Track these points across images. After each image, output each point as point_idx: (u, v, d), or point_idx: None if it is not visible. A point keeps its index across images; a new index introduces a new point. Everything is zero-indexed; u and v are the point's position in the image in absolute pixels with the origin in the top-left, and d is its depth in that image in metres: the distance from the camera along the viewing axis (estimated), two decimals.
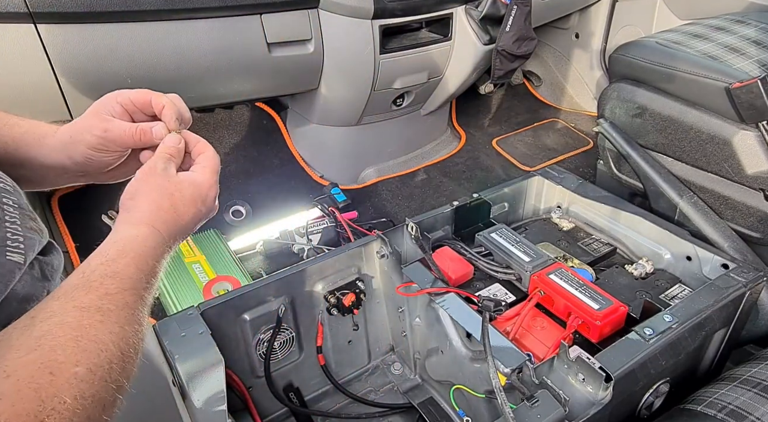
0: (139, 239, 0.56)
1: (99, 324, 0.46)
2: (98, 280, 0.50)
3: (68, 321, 0.45)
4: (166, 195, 0.59)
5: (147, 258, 0.55)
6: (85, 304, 0.47)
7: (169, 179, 0.60)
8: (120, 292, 0.50)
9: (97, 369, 0.44)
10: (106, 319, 0.47)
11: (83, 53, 1.27)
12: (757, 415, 0.86)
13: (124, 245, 0.54)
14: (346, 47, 1.59)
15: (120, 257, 0.53)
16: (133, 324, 0.50)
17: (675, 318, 0.96)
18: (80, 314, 0.46)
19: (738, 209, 1.39)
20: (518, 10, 1.67)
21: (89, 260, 0.53)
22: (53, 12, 1.19)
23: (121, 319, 0.48)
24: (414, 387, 1.24)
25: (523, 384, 0.88)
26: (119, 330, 0.48)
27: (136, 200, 0.59)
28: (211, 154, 0.66)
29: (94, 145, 0.62)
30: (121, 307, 0.49)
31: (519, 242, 1.18)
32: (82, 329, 0.45)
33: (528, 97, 2.62)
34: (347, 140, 1.95)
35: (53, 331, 0.43)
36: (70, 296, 0.47)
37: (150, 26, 1.32)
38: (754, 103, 1.26)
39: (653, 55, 1.50)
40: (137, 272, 0.53)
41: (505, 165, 2.15)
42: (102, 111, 0.63)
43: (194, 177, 0.63)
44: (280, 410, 1.17)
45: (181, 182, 0.61)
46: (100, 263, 0.52)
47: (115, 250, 0.54)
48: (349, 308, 1.15)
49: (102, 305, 0.48)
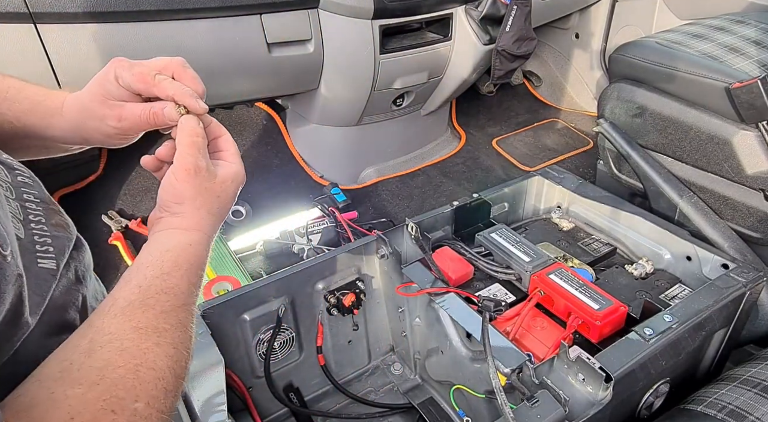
0: (192, 248, 0.55)
1: (156, 347, 0.46)
2: (154, 296, 0.49)
3: (127, 346, 0.44)
4: (213, 198, 0.58)
5: (198, 269, 0.55)
6: (142, 324, 0.46)
7: (213, 180, 0.58)
8: (174, 309, 0.50)
9: (154, 401, 0.44)
10: (162, 340, 0.47)
11: (83, 53, 1.27)
12: (757, 415, 0.86)
13: (178, 254, 0.54)
14: (346, 47, 1.59)
15: (174, 269, 0.52)
16: (186, 342, 0.50)
17: (675, 318, 0.96)
18: (138, 336, 0.45)
19: (738, 209, 1.39)
20: (518, 10, 1.67)
21: (144, 271, 0.52)
22: (53, 12, 1.19)
23: (176, 339, 0.48)
24: (414, 387, 1.24)
25: (523, 384, 0.88)
26: (173, 351, 0.47)
27: (185, 205, 0.57)
28: (229, 136, 0.63)
29: (111, 134, 0.60)
30: (175, 326, 0.49)
31: (519, 242, 1.18)
32: (141, 355, 0.44)
33: (528, 97, 2.62)
34: (347, 140, 1.95)
35: (114, 360, 0.43)
36: (127, 315, 0.47)
37: (150, 26, 1.32)
38: (754, 103, 1.26)
39: (653, 55, 1.50)
40: (189, 286, 0.53)
41: (505, 165, 2.15)
42: (109, 97, 0.59)
43: (231, 171, 0.60)
44: (280, 410, 1.17)
45: (224, 182, 0.59)
46: (156, 275, 0.51)
47: (170, 262, 0.53)
48: (349, 308, 1.15)
49: (158, 325, 0.47)
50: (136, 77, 0.57)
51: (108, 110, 0.59)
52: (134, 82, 0.57)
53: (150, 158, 0.61)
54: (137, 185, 1.86)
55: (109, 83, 0.58)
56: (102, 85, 0.59)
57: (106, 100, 0.59)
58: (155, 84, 0.57)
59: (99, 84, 0.59)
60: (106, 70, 0.59)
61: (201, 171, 0.57)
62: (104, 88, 0.59)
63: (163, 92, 0.58)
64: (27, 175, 0.54)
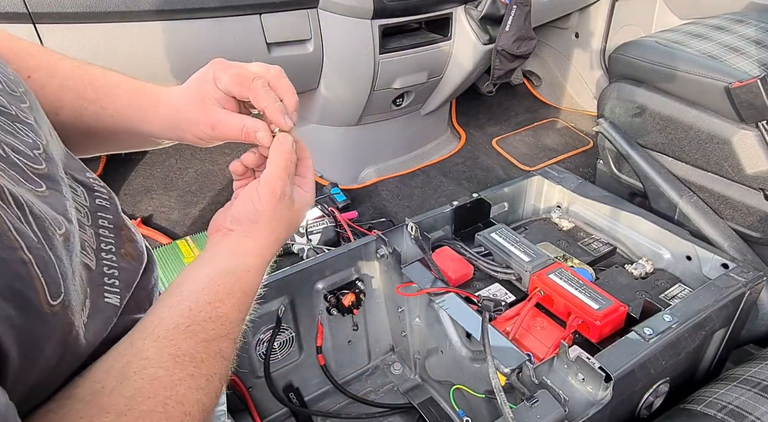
0: (250, 275, 0.54)
1: (190, 378, 0.45)
2: (201, 323, 0.48)
3: (160, 375, 0.43)
4: (285, 225, 0.58)
5: (250, 297, 0.54)
6: (182, 351, 0.45)
7: (290, 208, 0.57)
8: (217, 339, 0.48)
9: None
10: (197, 372, 0.45)
11: (83, 53, 1.27)
12: (756, 415, 0.86)
13: (235, 281, 0.53)
14: (346, 47, 1.59)
15: (228, 297, 0.51)
16: (222, 372, 0.48)
17: (675, 317, 0.96)
18: (174, 365, 0.44)
19: (738, 208, 1.39)
20: (518, 10, 1.67)
21: (198, 294, 0.51)
22: (53, 12, 1.19)
23: (212, 370, 0.47)
24: (414, 387, 1.24)
25: (523, 384, 0.88)
26: (206, 383, 0.46)
27: (258, 227, 0.56)
28: (310, 161, 0.62)
29: (202, 138, 0.60)
30: (213, 356, 0.48)
31: (519, 242, 1.18)
32: (172, 387, 0.43)
33: (528, 97, 2.62)
34: (347, 139, 1.95)
35: (144, 390, 0.42)
36: (169, 340, 0.46)
37: (150, 26, 1.32)
38: (754, 103, 1.26)
39: (653, 55, 1.50)
40: (238, 314, 0.52)
41: (505, 165, 2.15)
42: (207, 99, 0.58)
43: (305, 200, 0.60)
44: (280, 410, 1.17)
45: (299, 211, 0.59)
46: (208, 301, 0.50)
47: (225, 288, 0.52)
48: (349, 308, 1.15)
49: (196, 355, 0.46)
50: (234, 79, 0.57)
51: (203, 116, 0.58)
52: (231, 84, 0.57)
53: (239, 164, 0.61)
54: (137, 185, 1.86)
55: (207, 83, 0.58)
56: (200, 85, 0.59)
57: (203, 101, 0.58)
58: (251, 88, 0.57)
59: (198, 84, 0.59)
60: (205, 70, 0.59)
61: (284, 198, 0.56)
62: (202, 89, 0.58)
63: (256, 100, 0.57)
64: (105, 196, 0.53)
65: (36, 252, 0.36)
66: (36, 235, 0.37)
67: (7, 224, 0.34)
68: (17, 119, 0.45)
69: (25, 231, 0.36)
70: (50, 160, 0.45)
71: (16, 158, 0.41)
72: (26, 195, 0.38)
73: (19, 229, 0.35)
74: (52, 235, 0.39)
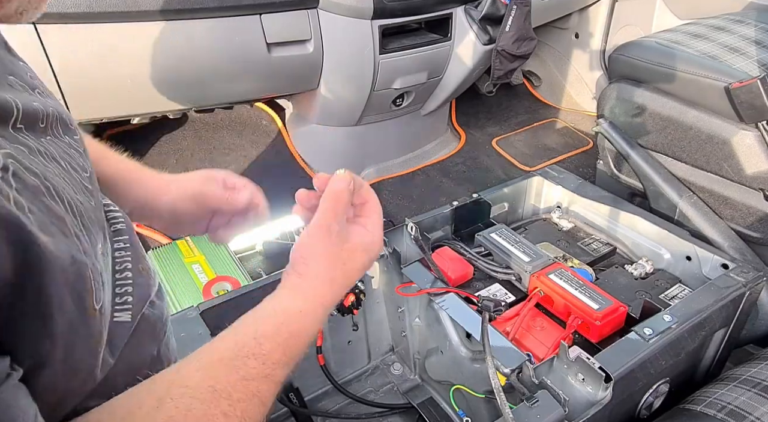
0: (300, 317, 0.53)
1: (222, 417, 0.43)
2: (243, 359, 0.47)
3: (196, 407, 0.42)
4: (339, 264, 0.55)
5: (298, 340, 0.52)
6: (220, 386, 0.44)
7: (342, 246, 0.55)
8: (257, 378, 0.47)
9: None
10: (230, 411, 0.44)
11: (83, 53, 1.27)
12: (756, 415, 0.86)
13: (282, 322, 0.51)
14: (346, 47, 1.59)
15: (274, 335, 0.50)
16: (255, 415, 0.46)
17: (675, 317, 0.96)
18: (211, 399, 0.43)
19: (738, 209, 1.39)
20: (518, 10, 1.67)
21: (248, 327, 0.50)
22: (53, 12, 1.19)
23: (245, 412, 0.45)
24: (414, 387, 1.24)
25: (523, 384, 0.88)
26: None
27: (309, 266, 0.54)
28: (376, 204, 0.61)
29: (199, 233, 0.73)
30: (250, 397, 0.46)
31: (519, 242, 1.18)
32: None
33: (528, 97, 2.62)
34: (347, 140, 1.95)
35: (177, 420, 0.41)
36: (212, 371, 0.45)
37: (150, 26, 1.32)
38: (754, 103, 1.26)
39: (653, 55, 1.50)
40: (282, 356, 0.50)
41: (505, 165, 2.15)
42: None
43: (365, 240, 0.58)
44: (280, 410, 1.17)
45: (354, 250, 0.56)
46: (254, 337, 0.49)
47: (272, 327, 0.50)
48: (349, 308, 1.15)
49: (233, 394, 0.45)
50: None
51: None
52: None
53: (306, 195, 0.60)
54: None
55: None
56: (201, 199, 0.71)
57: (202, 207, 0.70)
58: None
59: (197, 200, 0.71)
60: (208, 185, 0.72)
61: (331, 232, 0.54)
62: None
63: None
64: (120, 219, 0.54)
65: (89, 258, 0.39)
66: (88, 242, 0.41)
67: (72, 228, 0.39)
68: None
69: (82, 237, 0.40)
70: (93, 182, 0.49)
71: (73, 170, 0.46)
72: (80, 207, 0.42)
73: (78, 235, 0.39)
74: (96, 245, 0.43)
